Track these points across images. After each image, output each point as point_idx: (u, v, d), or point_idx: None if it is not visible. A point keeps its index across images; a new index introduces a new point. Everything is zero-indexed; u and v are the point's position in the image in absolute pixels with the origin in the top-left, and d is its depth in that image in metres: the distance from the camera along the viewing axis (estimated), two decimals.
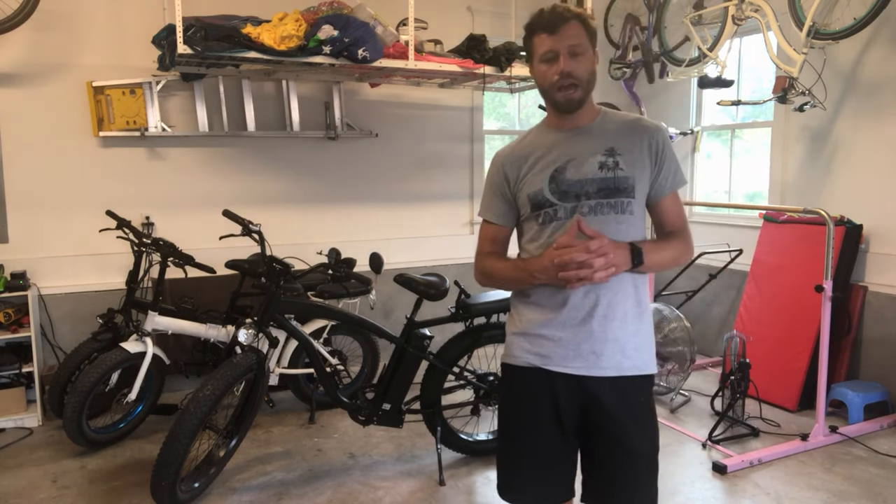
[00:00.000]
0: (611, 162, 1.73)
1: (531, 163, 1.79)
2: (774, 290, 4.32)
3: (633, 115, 1.87)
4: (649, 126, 1.80)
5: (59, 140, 4.09)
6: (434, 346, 3.28)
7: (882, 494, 3.06)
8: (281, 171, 4.69)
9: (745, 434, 3.68)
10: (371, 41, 3.73)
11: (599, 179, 1.73)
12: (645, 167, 1.76)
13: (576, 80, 1.70)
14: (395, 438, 3.69)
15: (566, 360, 1.73)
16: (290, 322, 3.14)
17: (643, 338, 1.78)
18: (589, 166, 1.74)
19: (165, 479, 2.70)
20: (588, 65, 1.72)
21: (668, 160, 1.78)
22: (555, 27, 1.69)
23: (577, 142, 1.78)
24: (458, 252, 5.32)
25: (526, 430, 1.80)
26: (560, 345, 1.74)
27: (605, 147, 1.75)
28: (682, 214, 1.83)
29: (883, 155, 3.97)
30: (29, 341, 3.78)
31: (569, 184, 1.74)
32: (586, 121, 1.80)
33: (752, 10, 4.15)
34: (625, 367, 1.73)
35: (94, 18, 4.10)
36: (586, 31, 1.71)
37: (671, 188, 1.80)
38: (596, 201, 1.72)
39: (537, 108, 5.13)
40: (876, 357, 4.01)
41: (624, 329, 1.73)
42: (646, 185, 1.77)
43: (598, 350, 1.71)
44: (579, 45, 1.69)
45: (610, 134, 1.78)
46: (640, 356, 1.76)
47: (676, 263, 1.80)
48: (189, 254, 3.59)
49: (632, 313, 1.75)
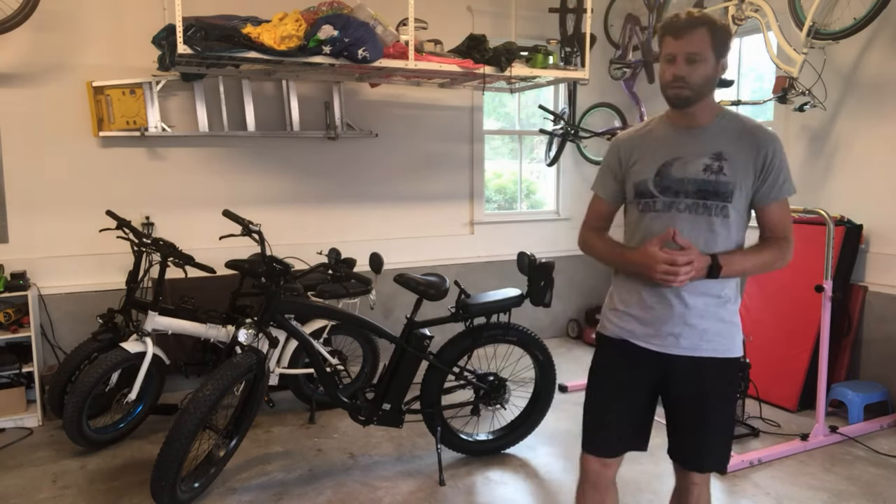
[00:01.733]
0: (716, 166, 1.87)
1: (643, 152, 1.98)
2: (774, 289, 4.32)
3: (754, 122, 1.95)
4: (764, 136, 1.89)
5: (59, 140, 4.09)
6: (434, 346, 3.28)
7: (882, 494, 3.07)
8: (281, 171, 4.69)
9: (745, 434, 3.68)
10: (371, 41, 3.73)
11: (701, 181, 1.88)
12: (749, 175, 1.88)
13: (687, 84, 1.84)
14: (395, 438, 3.69)
15: (648, 337, 1.97)
16: (290, 322, 3.13)
17: (725, 326, 1.94)
18: (694, 167, 1.89)
19: (165, 479, 2.70)
20: (704, 71, 1.84)
21: (775, 170, 1.88)
22: (680, 33, 1.83)
23: (688, 141, 1.92)
24: (458, 252, 5.32)
25: (610, 390, 2.06)
26: (643, 324, 1.97)
27: (713, 150, 1.89)
28: (784, 222, 1.93)
29: (883, 155, 3.97)
30: (29, 341, 3.78)
31: (672, 180, 1.91)
32: (702, 121, 1.92)
33: (752, 10, 4.15)
34: (702, 349, 1.93)
35: (94, 18, 4.10)
36: (711, 39, 1.82)
37: (775, 198, 1.91)
38: (693, 201, 1.88)
39: (537, 107, 5.13)
40: (876, 357, 4.01)
41: (703, 317, 1.91)
42: (748, 192, 1.90)
43: (676, 332, 1.93)
44: (698, 54, 1.82)
45: (722, 138, 1.90)
46: (721, 342, 1.93)
47: (767, 269, 1.96)
48: (189, 254, 3.59)
49: (713, 304, 1.92)
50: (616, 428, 2.05)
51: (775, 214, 1.92)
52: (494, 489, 3.14)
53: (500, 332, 3.36)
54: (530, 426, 3.56)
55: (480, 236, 5.44)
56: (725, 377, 1.97)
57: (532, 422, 3.55)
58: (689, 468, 2.03)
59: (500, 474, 3.29)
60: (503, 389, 3.48)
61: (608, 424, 2.05)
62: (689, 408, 1.98)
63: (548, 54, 4.45)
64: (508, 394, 3.50)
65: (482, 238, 5.45)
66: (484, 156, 5.42)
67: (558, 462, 3.43)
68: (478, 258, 5.41)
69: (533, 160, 5.88)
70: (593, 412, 2.09)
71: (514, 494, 3.10)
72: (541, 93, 5.72)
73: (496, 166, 5.75)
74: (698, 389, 1.96)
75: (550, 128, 5.18)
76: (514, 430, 3.55)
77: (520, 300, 3.38)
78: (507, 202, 5.83)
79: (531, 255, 3.33)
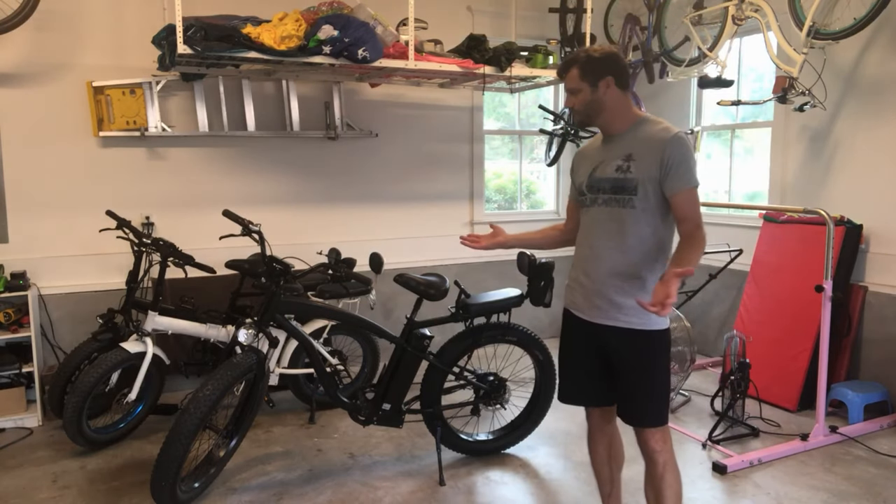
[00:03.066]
0: (625, 166, 2.24)
1: (584, 159, 2.41)
2: (774, 290, 4.32)
3: (663, 124, 2.25)
4: (665, 136, 2.19)
5: (59, 140, 4.09)
6: (434, 346, 3.29)
7: (882, 494, 3.07)
8: (281, 171, 4.69)
9: (745, 434, 3.68)
10: (371, 41, 3.73)
11: (613, 179, 2.26)
12: (654, 170, 2.18)
13: (576, 112, 2.32)
14: (395, 438, 3.69)
15: (583, 309, 2.37)
16: (290, 322, 3.13)
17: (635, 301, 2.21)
18: (610, 168, 2.28)
19: (165, 479, 2.70)
20: (584, 98, 2.26)
21: (675, 165, 2.15)
22: (560, 75, 2.34)
23: (609, 148, 2.32)
24: (458, 252, 5.32)
25: (565, 351, 2.51)
26: (580, 296, 2.38)
27: (625, 153, 2.25)
28: (692, 210, 2.18)
29: (883, 155, 3.97)
30: (29, 341, 3.78)
31: (595, 180, 2.32)
32: (618, 130, 2.31)
33: (752, 10, 4.15)
34: (620, 321, 2.25)
35: (94, 18, 4.10)
36: (580, 74, 2.25)
37: (678, 188, 2.16)
38: (608, 196, 2.27)
39: (537, 107, 5.13)
40: (876, 357, 4.01)
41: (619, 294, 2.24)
42: (655, 185, 2.19)
43: (598, 305, 2.30)
44: (574, 88, 2.28)
45: (633, 142, 2.25)
46: (639, 315, 2.22)
47: (700, 255, 2.14)
48: (189, 254, 3.59)
49: (629, 282, 2.24)
50: (574, 383, 2.47)
51: (683, 203, 2.17)
52: (494, 489, 3.14)
53: (500, 332, 3.36)
54: (530, 426, 3.56)
55: None
56: (646, 346, 2.26)
57: (532, 422, 3.55)
58: (631, 424, 2.32)
59: (500, 474, 3.29)
60: (503, 389, 3.48)
61: (567, 379, 2.49)
62: (619, 373, 2.32)
63: (548, 54, 4.46)
64: (508, 394, 3.50)
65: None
66: (484, 156, 5.42)
67: (558, 462, 3.43)
68: (478, 258, 5.41)
69: (533, 160, 5.88)
70: (559, 367, 2.54)
71: (514, 494, 3.10)
72: (541, 93, 5.72)
73: (496, 166, 5.75)
74: (622, 357, 2.29)
75: (550, 128, 5.18)
76: (514, 430, 3.55)
77: (520, 300, 3.38)
78: (507, 202, 5.83)
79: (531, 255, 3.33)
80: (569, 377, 2.49)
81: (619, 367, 2.31)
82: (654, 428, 2.28)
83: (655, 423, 2.29)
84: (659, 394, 2.29)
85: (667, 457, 2.30)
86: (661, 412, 2.30)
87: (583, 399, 2.50)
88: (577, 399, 2.51)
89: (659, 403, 2.29)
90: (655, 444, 2.29)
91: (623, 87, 2.26)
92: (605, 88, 2.24)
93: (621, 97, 2.27)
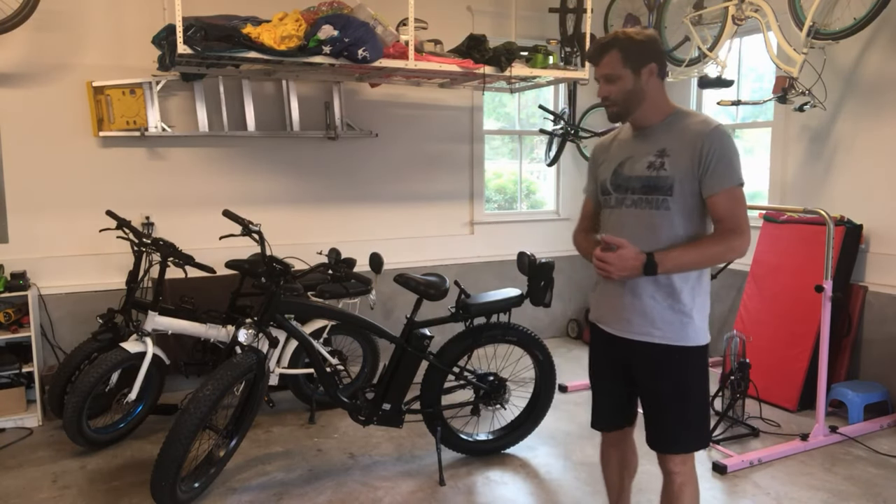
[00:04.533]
0: (658, 162, 2.00)
1: (609, 154, 2.17)
2: (774, 289, 4.32)
3: (701, 117, 2.03)
4: (703, 129, 1.97)
5: (59, 140, 4.09)
6: (434, 346, 3.29)
7: (882, 494, 3.07)
8: (281, 171, 4.69)
9: (745, 434, 3.68)
10: (371, 41, 3.73)
11: (644, 177, 2.02)
12: (690, 168, 1.96)
13: (612, 101, 2.04)
14: (395, 438, 3.69)
15: (610, 322, 2.15)
16: (290, 322, 3.13)
17: (675, 315, 2.02)
18: (640, 165, 2.04)
19: (165, 479, 2.70)
20: (623, 87, 2.00)
21: (714, 161, 1.93)
22: (594, 59, 2.05)
23: (639, 142, 2.08)
24: (458, 252, 5.32)
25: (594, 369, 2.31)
26: (607, 310, 2.16)
27: (658, 148, 2.02)
28: (731, 212, 1.95)
29: (883, 155, 3.97)
30: (29, 341, 3.78)
31: (622, 178, 2.08)
32: (651, 122, 2.06)
33: (752, 10, 4.15)
34: (653, 336, 2.04)
35: (94, 18, 4.10)
36: (622, 58, 1.98)
37: (718, 188, 1.95)
38: (638, 196, 2.03)
39: (537, 107, 5.13)
40: (876, 357, 4.01)
41: (652, 306, 2.02)
42: (691, 184, 1.97)
43: (628, 318, 2.08)
44: (613, 74, 2.01)
45: (667, 136, 2.02)
46: (672, 329, 2.02)
47: (717, 261, 1.98)
48: (189, 254, 3.59)
49: (662, 293, 2.02)
50: (610, 409, 2.28)
51: (720, 204, 1.95)
52: (494, 489, 3.14)
53: (500, 332, 3.36)
54: (530, 426, 3.56)
55: (480, 236, 5.44)
56: (682, 366, 2.05)
57: (532, 422, 3.55)
58: (657, 450, 2.13)
59: (500, 474, 3.29)
60: (503, 389, 3.48)
61: (602, 406, 2.29)
62: (648, 393, 2.12)
63: (548, 54, 4.45)
64: (508, 394, 3.50)
65: (482, 238, 5.45)
66: (484, 156, 5.42)
67: (558, 462, 3.43)
68: (478, 258, 5.41)
69: (533, 160, 5.88)
70: (592, 391, 2.34)
71: (514, 494, 3.10)
72: (541, 93, 5.71)
73: (496, 166, 5.75)
74: (653, 375, 2.08)
75: (550, 128, 5.18)
76: (514, 430, 3.55)
77: (520, 300, 3.38)
78: (507, 202, 5.83)
79: (531, 255, 3.33)
80: (604, 403, 2.28)
81: (650, 388, 2.10)
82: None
83: (688, 450, 2.09)
84: (699, 421, 2.08)
85: (684, 479, 2.10)
86: (700, 439, 2.10)
87: (619, 423, 2.29)
88: (612, 426, 2.30)
89: (698, 431, 2.09)
90: (674, 466, 2.10)
91: (663, 76, 2.04)
92: (647, 76, 2.00)
93: (661, 88, 2.04)
